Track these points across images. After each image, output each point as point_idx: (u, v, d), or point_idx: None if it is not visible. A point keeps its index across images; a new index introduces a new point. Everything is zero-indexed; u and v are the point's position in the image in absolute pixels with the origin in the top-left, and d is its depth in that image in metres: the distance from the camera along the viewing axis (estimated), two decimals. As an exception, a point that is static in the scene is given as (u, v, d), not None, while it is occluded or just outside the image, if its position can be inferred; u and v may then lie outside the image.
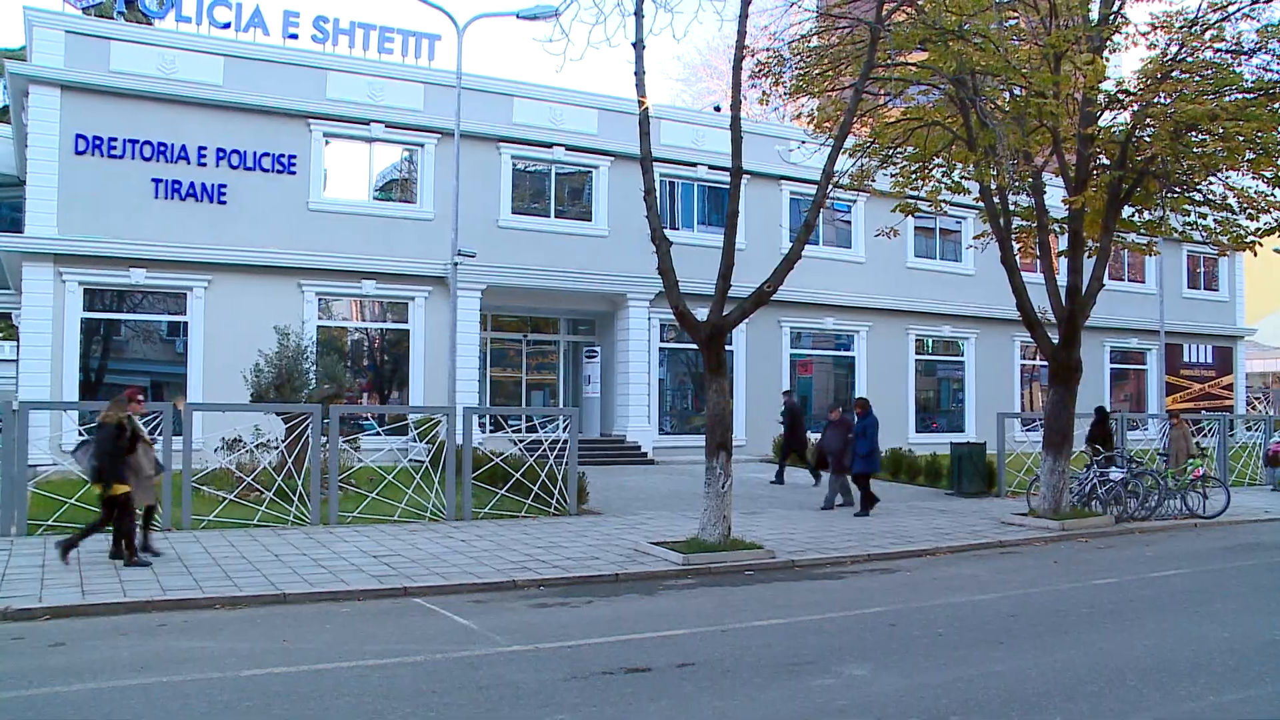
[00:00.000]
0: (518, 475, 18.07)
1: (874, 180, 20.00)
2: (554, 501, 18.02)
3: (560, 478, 18.16)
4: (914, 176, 20.01)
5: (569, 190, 29.87)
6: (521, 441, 19.45)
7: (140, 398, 13.72)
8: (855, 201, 32.18)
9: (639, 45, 14.75)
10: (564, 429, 18.49)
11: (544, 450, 18.22)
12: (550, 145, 28.67)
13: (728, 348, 15.70)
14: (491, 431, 24.17)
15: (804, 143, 19.78)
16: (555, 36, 29.12)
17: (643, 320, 29.05)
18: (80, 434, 17.47)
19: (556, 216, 29.28)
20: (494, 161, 28.01)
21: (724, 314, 14.82)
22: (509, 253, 27.21)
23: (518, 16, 22.82)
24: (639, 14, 14.66)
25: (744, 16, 14.78)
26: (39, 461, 17.24)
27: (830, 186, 15.45)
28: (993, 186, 18.55)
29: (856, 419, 19.45)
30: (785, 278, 14.87)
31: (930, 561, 14.95)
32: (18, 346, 25.33)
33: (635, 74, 14.84)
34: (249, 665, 8.64)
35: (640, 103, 14.95)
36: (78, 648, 9.20)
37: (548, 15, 21.47)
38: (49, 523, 15.00)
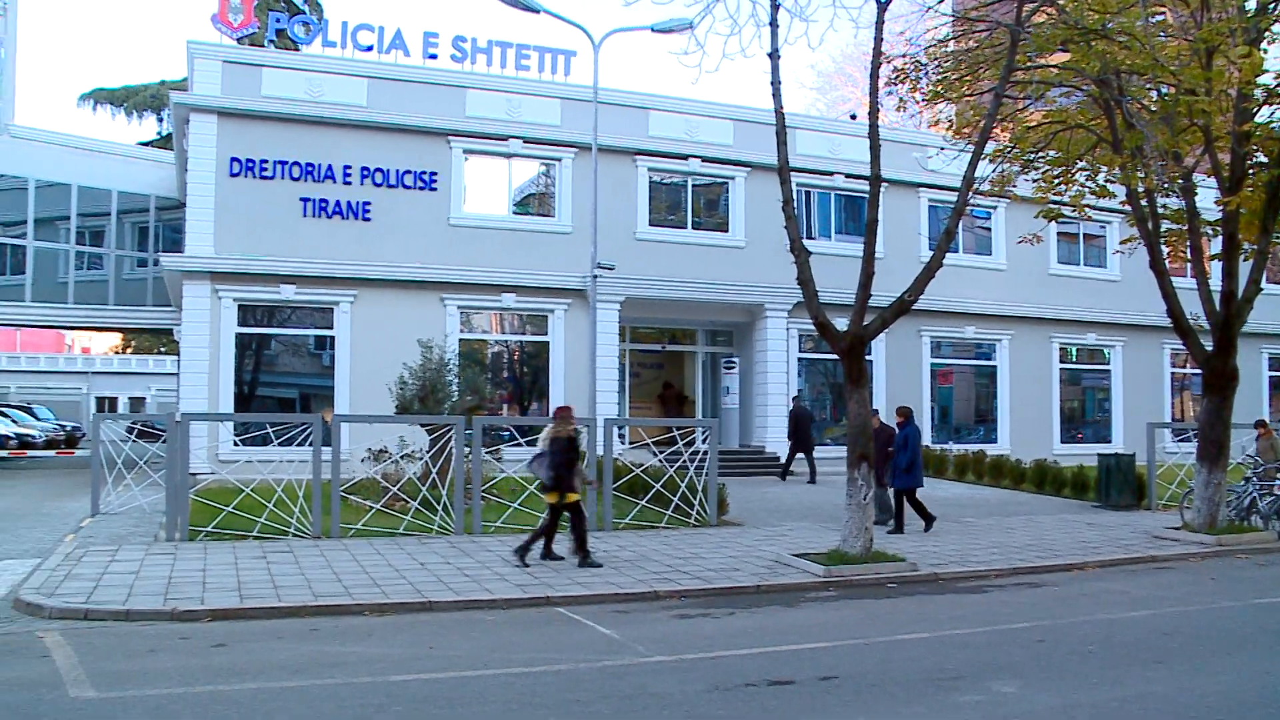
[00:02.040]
0: (658, 486, 18.13)
1: (1015, 186, 19.57)
2: (694, 512, 18.05)
3: (700, 489, 18.18)
4: (1056, 181, 19.50)
5: (705, 201, 29.93)
6: (661, 453, 19.52)
7: (571, 416, 14.83)
8: (995, 208, 31.59)
9: (774, 55, 14.73)
10: (703, 440, 18.50)
11: (684, 461, 18.28)
12: (686, 157, 28.79)
13: (867, 358, 15.53)
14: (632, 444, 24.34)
15: (943, 149, 19.45)
16: (690, 49, 29.14)
17: (781, 330, 28.94)
18: (236, 443, 18.08)
19: (693, 228, 29.37)
20: (631, 174, 28.24)
21: (864, 324, 14.69)
22: (647, 265, 27.38)
23: (653, 30, 22.99)
24: (774, 24, 14.64)
25: (880, 23, 14.66)
26: (198, 470, 17.92)
27: (970, 193, 15.19)
28: (1140, 189, 18.00)
29: (897, 429, 18.44)
30: (926, 287, 14.69)
31: (1078, 576, 14.55)
32: (179, 361, 26.38)
33: (771, 84, 14.81)
34: (398, 670, 8.86)
35: (777, 113, 14.93)
36: (237, 648, 9.55)
37: (683, 28, 21.58)
38: (209, 529, 15.58)
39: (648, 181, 28.64)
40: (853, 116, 34.29)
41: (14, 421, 43.13)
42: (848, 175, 29.72)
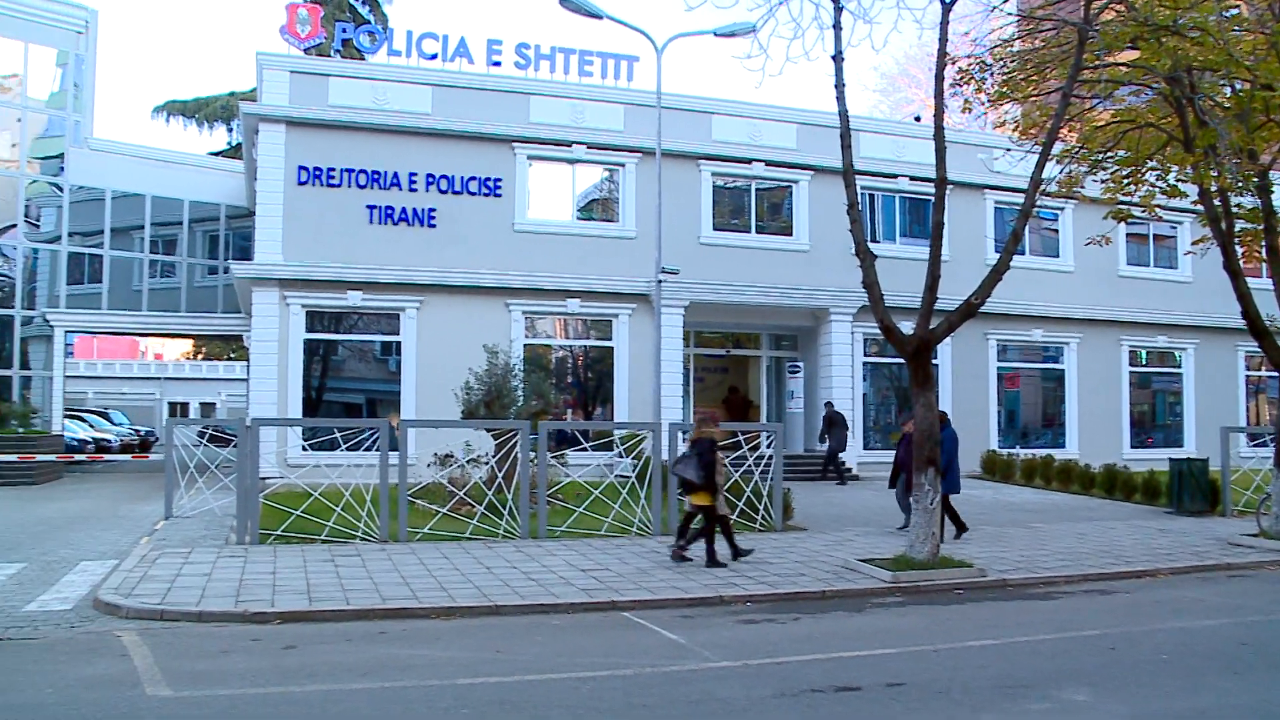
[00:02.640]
0: (723, 490, 18.08)
1: (1083, 186, 19.30)
2: (759, 517, 18.00)
3: (765, 493, 18.13)
4: (1126, 181, 19.19)
5: (769, 205, 29.87)
6: (725, 457, 19.46)
7: (719, 418, 15.62)
8: (1063, 209, 31.22)
9: (838, 58, 14.66)
10: (768, 445, 18.45)
11: (749, 466, 18.24)
12: (750, 161, 28.75)
13: (933, 361, 15.38)
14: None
15: (1009, 150, 19.22)
16: (753, 53, 29.22)
17: (845, 334, 28.80)
18: (305, 448, 18.30)
19: (757, 232, 29.33)
20: (694, 179, 28.25)
21: (930, 327, 14.58)
22: (711, 269, 27.39)
23: (715, 34, 22.99)
24: (837, 27, 14.57)
25: (945, 24, 14.54)
26: (268, 474, 18.17)
27: (1037, 195, 14.99)
28: (1213, 188, 17.67)
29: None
30: (993, 289, 14.54)
31: (1150, 583, 14.31)
32: (248, 366, 26.82)
33: (835, 87, 14.74)
34: (465, 674, 8.93)
35: (841, 116, 14.86)
36: (307, 651, 9.67)
37: (745, 32, 21.55)
38: (278, 532, 15.79)
39: (711, 186, 28.65)
40: (917, 118, 34.08)
41: (91, 426, 44.02)
42: (912, 178, 29.53)
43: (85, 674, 8.80)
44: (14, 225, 31.67)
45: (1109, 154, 18.85)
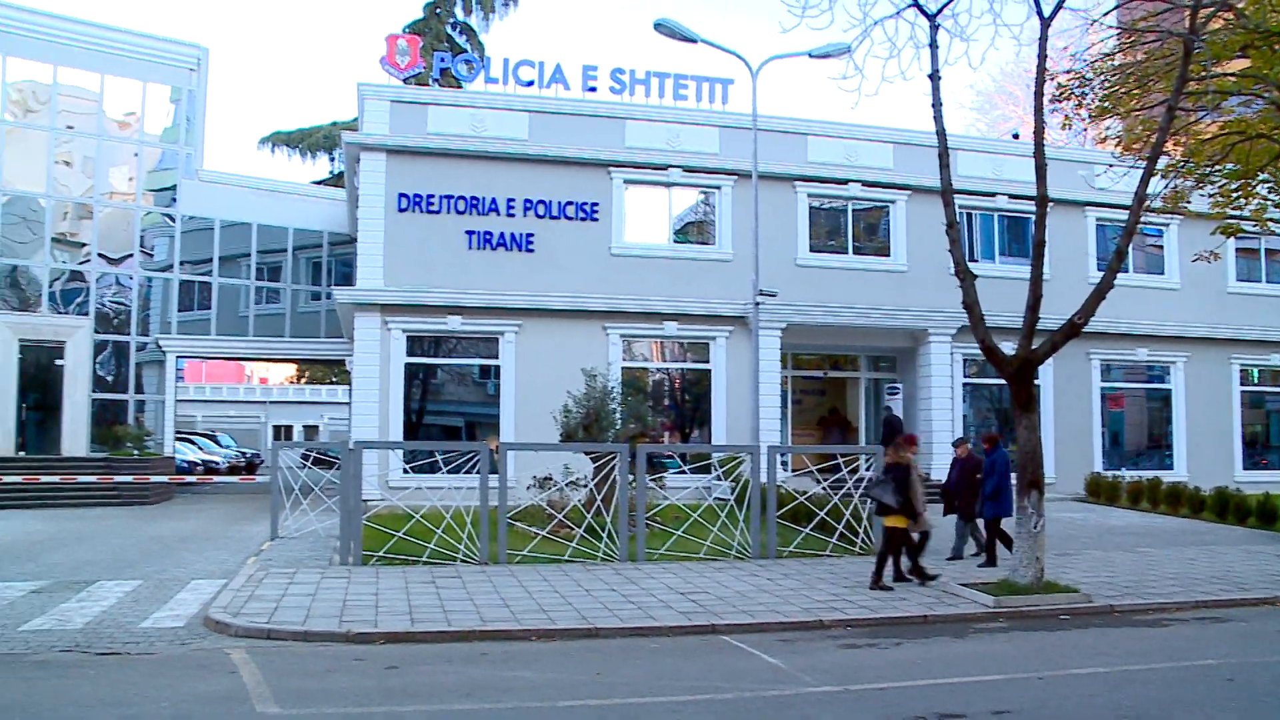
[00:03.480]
0: (822, 514, 17.97)
1: (1189, 202, 18.87)
2: (859, 540, 17.83)
3: (865, 516, 17.95)
4: (1235, 195, 18.72)
5: (865, 226, 29.64)
6: (824, 480, 19.31)
7: (915, 442, 16.16)
8: (1168, 225, 30.54)
9: (935, 77, 14.55)
10: (867, 467, 18.27)
11: (848, 489, 18.07)
12: (846, 181, 28.60)
13: (1034, 382, 15.10)
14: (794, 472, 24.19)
15: (1111, 166, 18.87)
16: (849, 73, 29.11)
17: (945, 355, 28.42)
18: (406, 470, 18.48)
19: (854, 253, 29.12)
20: (790, 200, 28.17)
21: (1032, 347, 14.34)
22: (808, 291, 27.25)
23: (810, 56, 22.90)
24: (933, 45, 14.47)
25: (1044, 39, 14.34)
26: (370, 496, 18.45)
27: (1142, 211, 14.68)
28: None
29: (985, 455, 17.44)
30: (1096, 308, 14.25)
31: (1269, 611, 13.78)
32: (350, 390, 27.33)
33: (932, 106, 14.64)
34: (565, 696, 8.96)
35: (939, 135, 14.73)
36: (410, 671, 9.79)
37: (840, 53, 21.43)
38: (380, 553, 16.02)
39: (807, 207, 28.54)
40: (1015, 136, 33.58)
41: (200, 449, 45.15)
42: (1011, 196, 29.14)
43: (198, 690, 9.02)
44: (130, 255, 32.73)
45: (1217, 167, 18.40)
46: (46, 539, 20.12)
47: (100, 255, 32.24)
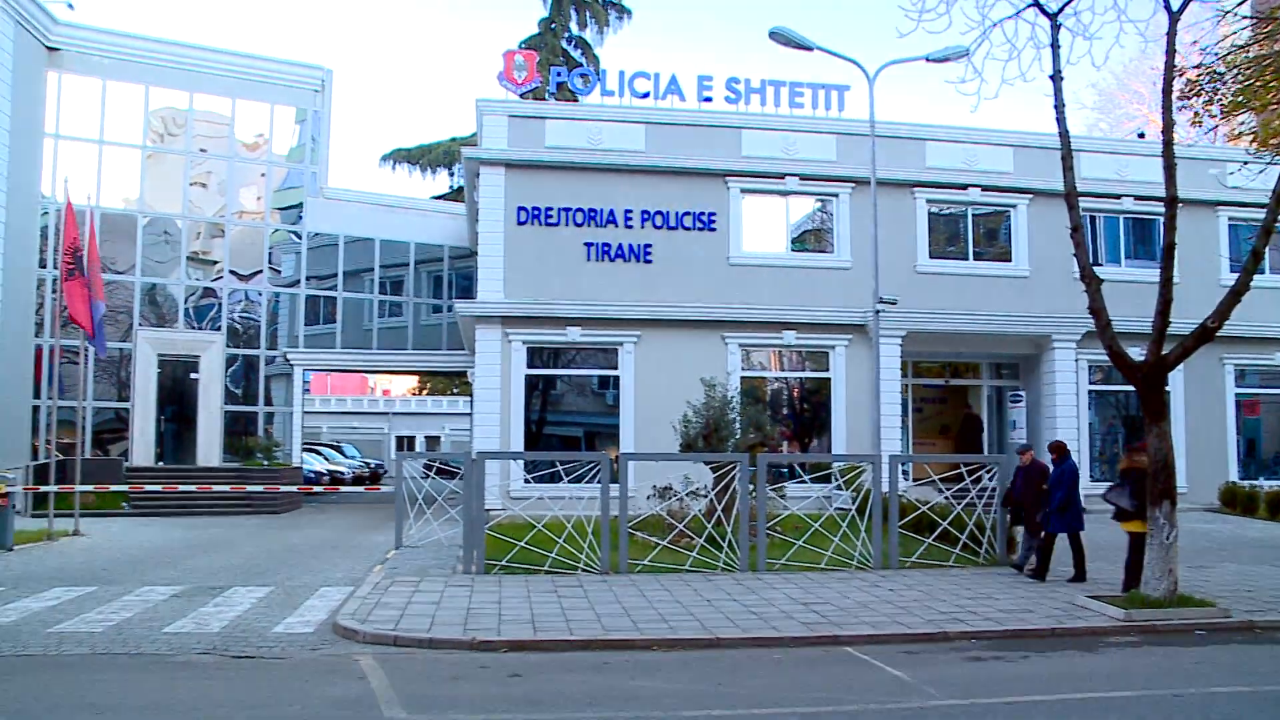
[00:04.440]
0: (945, 524, 17.68)
1: (1332, 198, 18.11)
2: (983, 551, 17.50)
3: (989, 526, 17.61)
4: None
5: (986, 231, 29.15)
6: (947, 489, 18.99)
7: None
8: (1309, 224, 29.40)
9: (1057, 77, 14.25)
10: (990, 477, 17.93)
11: (971, 498, 17.75)
12: (965, 186, 28.17)
13: (1165, 389, 14.63)
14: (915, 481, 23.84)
15: (1246, 163, 18.23)
16: (967, 76, 28.53)
17: (1069, 362, 27.77)
18: (527, 480, 18.65)
19: (974, 259, 28.65)
20: (909, 206, 27.85)
21: (1163, 353, 13.91)
22: (928, 298, 26.89)
23: (927, 60, 22.60)
24: (1055, 45, 14.17)
25: (1172, 34, 13.90)
26: (492, 506, 18.67)
27: (1280, 209, 14.14)
28: None
29: (1052, 465, 16.49)
30: (1231, 311, 13.76)
31: None
32: (472, 401, 27.76)
33: (1055, 107, 14.33)
34: (688, 706, 8.95)
35: (1062, 136, 14.41)
36: (533, 679, 9.88)
37: (959, 56, 21.07)
38: (502, 562, 16.20)
39: (926, 213, 28.19)
40: (1141, 135, 32.76)
41: (326, 459, 46.25)
42: (1137, 197, 28.42)
43: (327, 694, 9.23)
44: (259, 271, 33.70)
45: (1362, 162, 17.59)
46: (184, 545, 20.82)
47: (231, 272, 33.25)
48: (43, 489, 23.23)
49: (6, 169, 27.83)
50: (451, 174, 50.44)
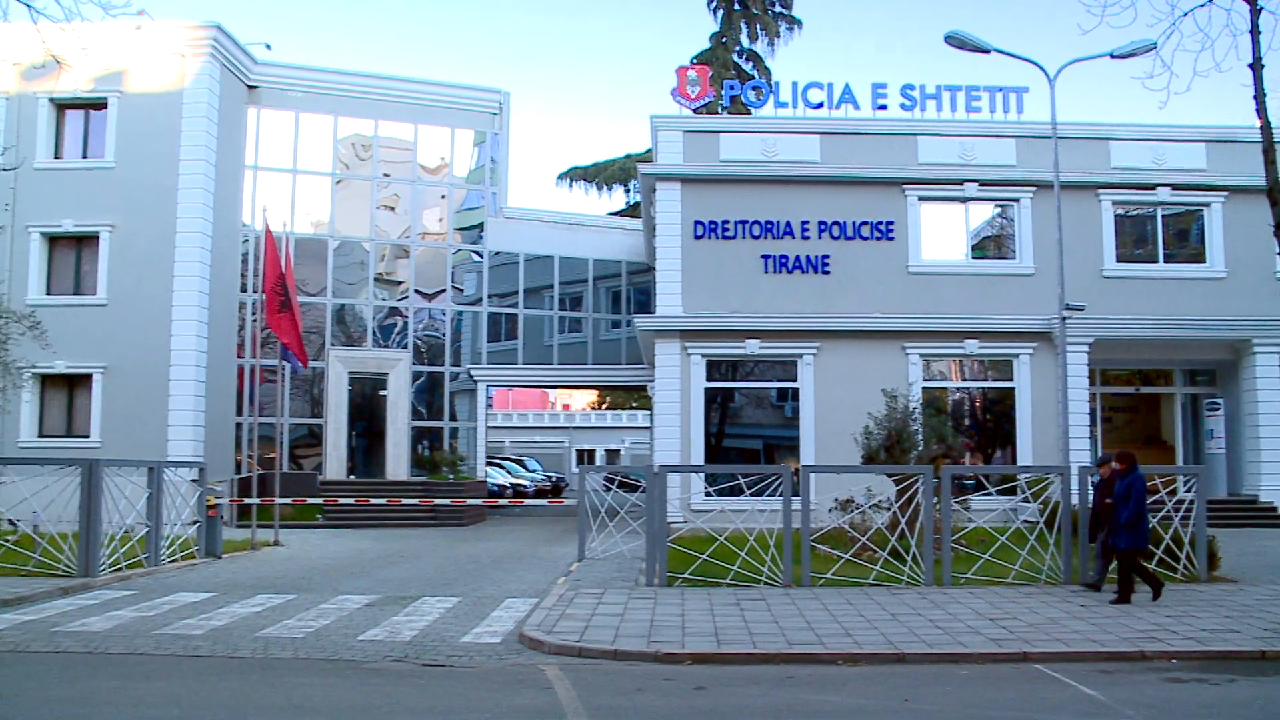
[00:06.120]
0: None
1: None
2: (1180, 566, 16.78)
3: (1187, 540, 16.89)
4: None
5: (1176, 232, 28.07)
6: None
7: None
8: None
9: (1256, 65, 13.66)
10: (1187, 488, 17.21)
11: (1167, 511, 17.06)
12: (1154, 186, 27.19)
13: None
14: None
15: None
16: (1155, 71, 27.44)
17: (1273, 367, 26.45)
18: (707, 493, 18.75)
19: (1165, 261, 27.61)
20: (1093, 209, 27.03)
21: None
22: (1115, 303, 26.06)
23: (1112, 56, 21.87)
24: (1254, 31, 13.57)
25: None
26: (673, 519, 18.81)
27: None
28: None
29: (1117, 478, 15.24)
30: None
31: None
32: (651, 415, 28.07)
33: (1254, 98, 13.76)
34: (875, 721, 8.88)
35: (1263, 129, 13.79)
36: (717, 692, 9.91)
37: (1145, 50, 20.38)
38: (685, 575, 16.30)
39: (1112, 215, 27.33)
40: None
41: (508, 473, 47.29)
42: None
43: (515, 703, 9.44)
44: (443, 290, 34.75)
45: None
46: (376, 556, 21.59)
47: (417, 292, 34.36)
48: (246, 501, 24.42)
49: (214, 201, 29.38)
50: (627, 190, 51.13)
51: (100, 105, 29.09)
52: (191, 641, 12.13)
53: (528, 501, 40.58)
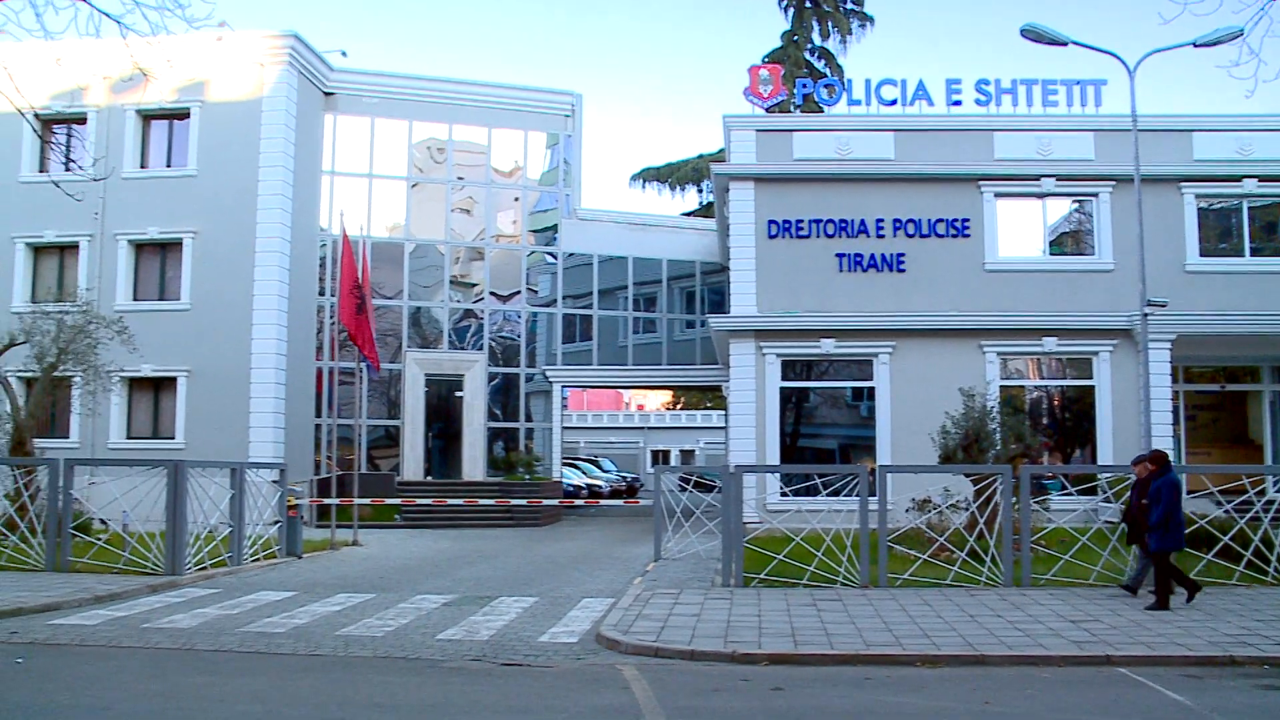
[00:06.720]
0: (1226, 539, 16.63)
1: None
2: (1271, 569, 16.39)
3: (1277, 543, 16.48)
4: None
5: (1263, 225, 27.42)
6: (1228, 501, 17.87)
7: None
8: None
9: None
10: (1277, 489, 16.83)
11: (1256, 511, 16.68)
12: (1239, 178, 26.58)
13: None
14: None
15: None
16: (1242, 59, 26.81)
17: (1364, 362, 25.80)
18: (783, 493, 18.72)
19: (1251, 254, 27.00)
20: (1175, 202, 26.50)
21: None
22: (1199, 299, 25.50)
23: (1194, 45, 21.45)
24: (1348, 19, 13.18)
25: None
26: (749, 519, 18.80)
27: None
28: None
29: (1152, 478, 14.80)
30: None
31: None
32: (726, 415, 28.07)
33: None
34: (956, 723, 8.82)
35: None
36: (794, 693, 9.90)
37: (1231, 37, 19.90)
38: (761, 575, 16.30)
39: (1195, 209, 26.75)
40: None
41: (583, 473, 47.54)
42: None
43: (592, 703, 9.51)
44: (518, 292, 35.05)
45: None
46: (453, 556, 21.86)
47: (491, 294, 34.68)
48: (325, 501, 24.81)
49: (292, 206, 29.90)
50: (700, 190, 51.12)
51: (183, 115, 29.80)
52: (274, 639, 12.41)
53: (603, 502, 40.75)
